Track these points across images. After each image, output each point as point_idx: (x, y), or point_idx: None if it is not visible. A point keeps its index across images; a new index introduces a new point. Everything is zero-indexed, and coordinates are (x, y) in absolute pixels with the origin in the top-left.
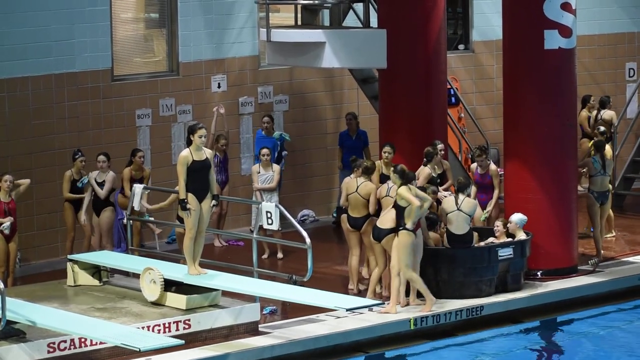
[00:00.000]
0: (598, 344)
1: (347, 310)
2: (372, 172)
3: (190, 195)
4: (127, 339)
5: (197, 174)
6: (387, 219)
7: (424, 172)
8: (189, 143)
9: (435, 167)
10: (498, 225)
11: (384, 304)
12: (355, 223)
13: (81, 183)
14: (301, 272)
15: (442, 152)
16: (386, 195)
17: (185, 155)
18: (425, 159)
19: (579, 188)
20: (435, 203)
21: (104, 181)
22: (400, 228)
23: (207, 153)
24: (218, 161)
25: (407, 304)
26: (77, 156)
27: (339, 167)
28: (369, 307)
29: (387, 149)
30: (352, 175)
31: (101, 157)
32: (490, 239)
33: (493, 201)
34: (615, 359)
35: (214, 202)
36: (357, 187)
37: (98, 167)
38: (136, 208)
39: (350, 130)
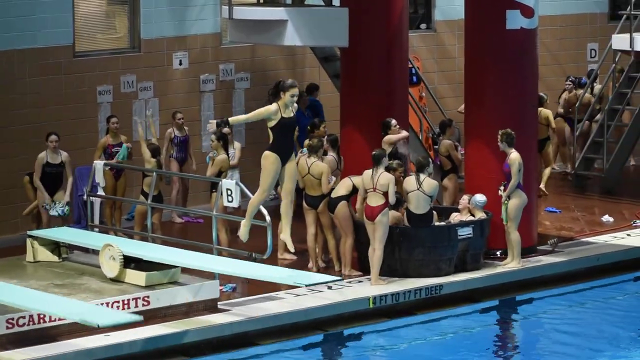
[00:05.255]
0: (556, 323)
1: (306, 285)
2: (317, 150)
3: (273, 154)
4: (86, 315)
5: (284, 131)
6: (340, 189)
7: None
8: (274, 98)
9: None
10: (464, 198)
11: (342, 279)
12: (312, 202)
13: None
14: (261, 250)
15: (397, 128)
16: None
17: (275, 109)
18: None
19: (554, 167)
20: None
21: (61, 162)
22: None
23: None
24: (178, 141)
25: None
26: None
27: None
28: (328, 283)
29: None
30: (304, 157)
31: (53, 137)
32: (454, 214)
33: (505, 193)
34: (573, 338)
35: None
36: (309, 167)
37: (50, 148)
38: (101, 184)
39: (302, 108)
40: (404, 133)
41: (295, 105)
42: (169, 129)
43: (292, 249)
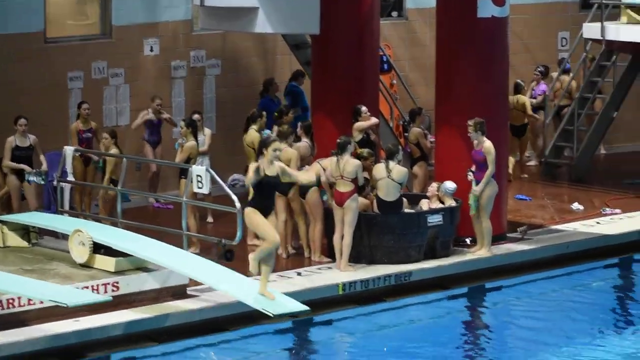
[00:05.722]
0: (525, 310)
1: (274, 315)
2: (287, 136)
3: (253, 209)
4: (55, 296)
5: (266, 189)
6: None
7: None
8: (259, 154)
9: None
10: (433, 186)
11: (311, 310)
12: (282, 188)
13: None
14: (231, 236)
15: (368, 115)
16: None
17: (256, 166)
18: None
19: (526, 155)
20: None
21: (30, 145)
22: None
23: (278, 167)
24: (151, 122)
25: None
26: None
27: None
28: (296, 314)
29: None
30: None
31: (22, 121)
32: (423, 201)
33: (481, 184)
34: (541, 325)
35: None
36: None
37: (19, 131)
38: (69, 171)
39: (272, 95)
40: (374, 120)
41: (278, 164)
42: (143, 111)
43: (271, 298)
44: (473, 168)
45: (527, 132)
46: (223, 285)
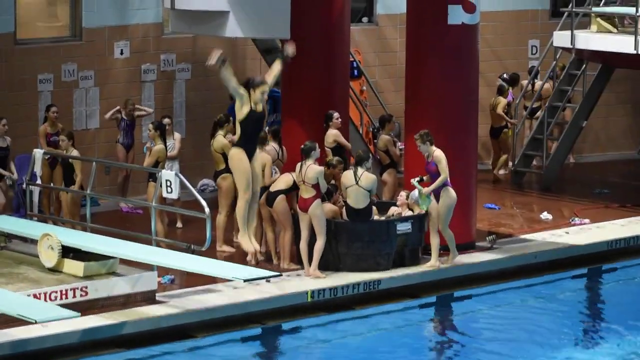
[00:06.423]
0: (493, 320)
1: (245, 281)
2: (263, 142)
3: (238, 151)
4: (24, 310)
5: (253, 125)
6: (279, 183)
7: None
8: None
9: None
10: (402, 195)
11: (281, 275)
12: None
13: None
14: (200, 242)
15: (339, 120)
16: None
17: (244, 93)
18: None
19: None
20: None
21: (7, 146)
22: None
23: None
24: (125, 125)
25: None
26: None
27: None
28: (267, 278)
29: None
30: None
31: (4, 121)
32: (392, 208)
33: (432, 186)
34: (508, 335)
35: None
36: None
37: (1, 132)
38: (38, 174)
39: None
40: (348, 146)
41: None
42: (116, 112)
43: (252, 248)
44: (425, 177)
45: (504, 134)
46: (194, 266)
